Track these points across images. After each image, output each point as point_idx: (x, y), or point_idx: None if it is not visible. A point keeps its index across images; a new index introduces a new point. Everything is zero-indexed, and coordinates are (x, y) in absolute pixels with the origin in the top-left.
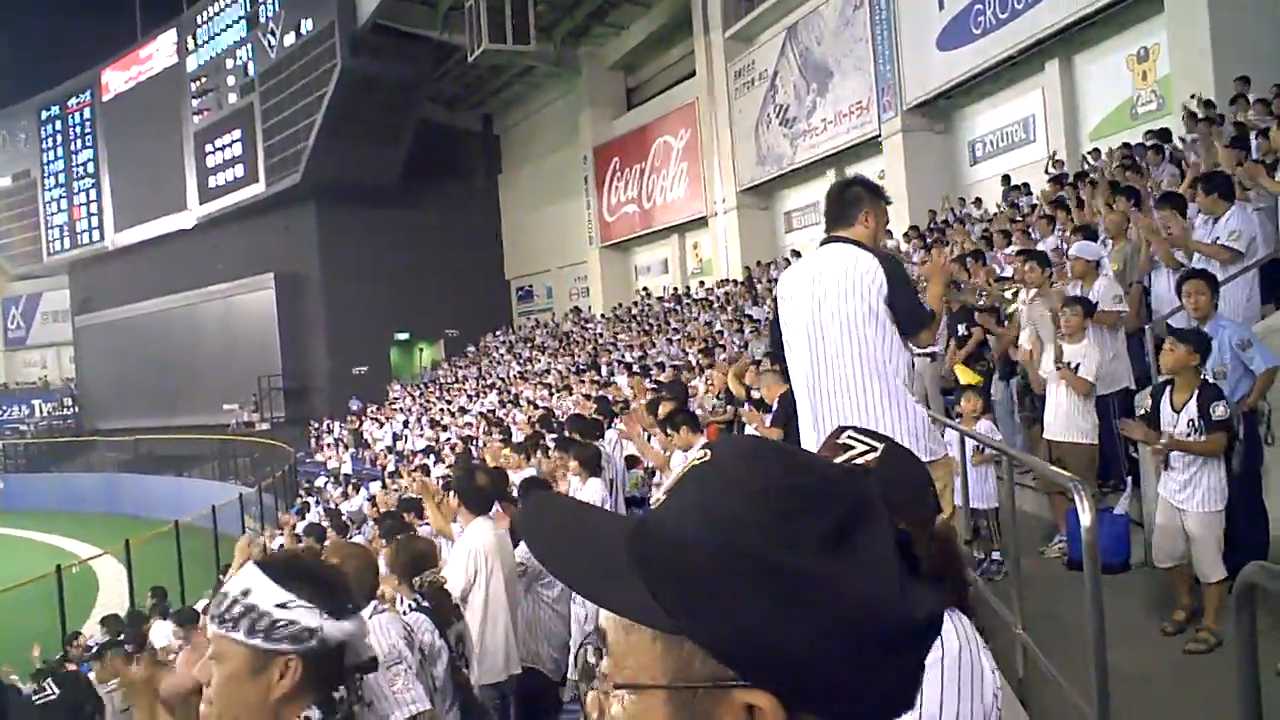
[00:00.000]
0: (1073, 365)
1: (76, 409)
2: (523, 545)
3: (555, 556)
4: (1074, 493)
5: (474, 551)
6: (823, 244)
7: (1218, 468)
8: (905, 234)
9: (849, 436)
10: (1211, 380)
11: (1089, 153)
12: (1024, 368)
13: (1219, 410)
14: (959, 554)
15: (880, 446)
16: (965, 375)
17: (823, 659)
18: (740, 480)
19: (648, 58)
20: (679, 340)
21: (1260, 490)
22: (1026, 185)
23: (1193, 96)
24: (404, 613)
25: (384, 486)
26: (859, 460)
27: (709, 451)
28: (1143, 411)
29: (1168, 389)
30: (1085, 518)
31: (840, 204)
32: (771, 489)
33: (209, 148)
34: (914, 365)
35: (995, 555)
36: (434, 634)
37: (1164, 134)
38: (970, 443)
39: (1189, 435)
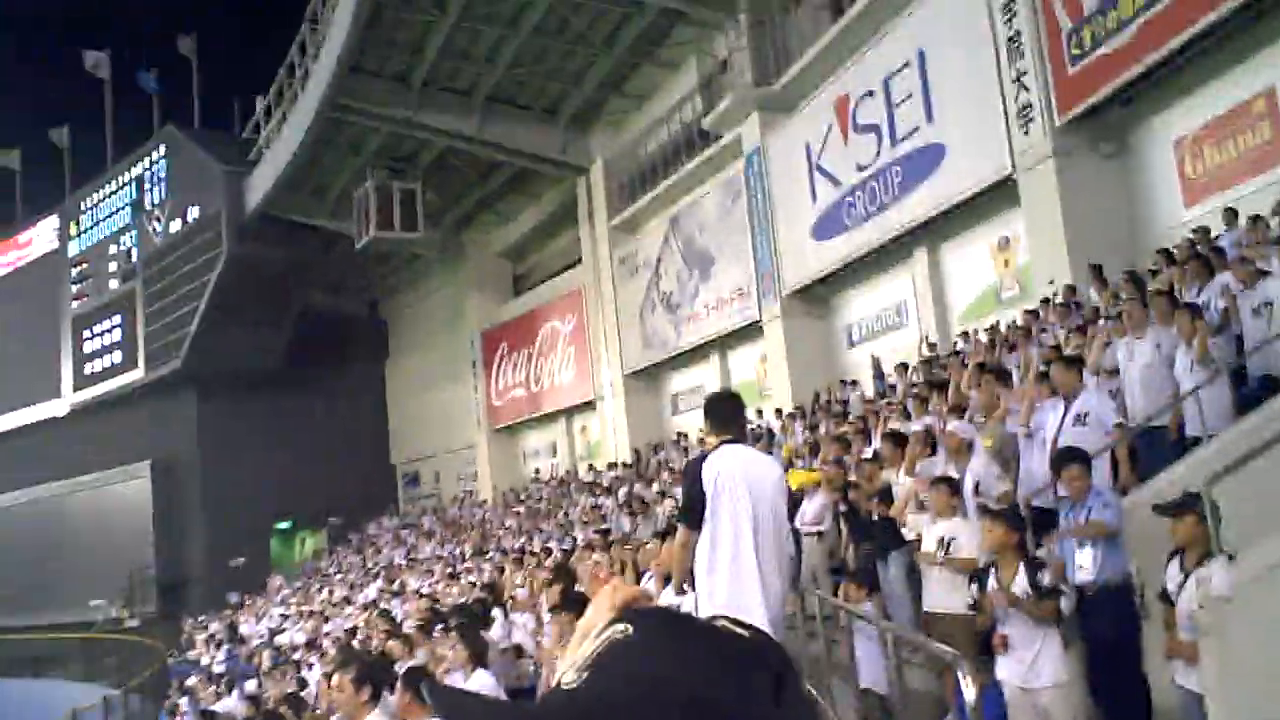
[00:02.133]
0: (945, 541)
1: None
2: None
3: None
4: (956, 667)
5: None
6: (728, 443)
7: (1057, 638)
8: (790, 414)
9: (723, 624)
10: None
11: (960, 335)
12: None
13: (1046, 578)
14: None
15: (749, 634)
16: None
17: None
18: (678, 645)
19: (534, 245)
20: (567, 524)
21: (1140, 661)
22: (905, 365)
23: (1050, 282)
24: None
25: (259, 684)
26: None
27: (628, 625)
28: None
29: (992, 570)
30: (969, 694)
31: (732, 411)
32: (713, 650)
33: (86, 333)
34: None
35: None
36: None
37: (1034, 315)
38: (858, 623)
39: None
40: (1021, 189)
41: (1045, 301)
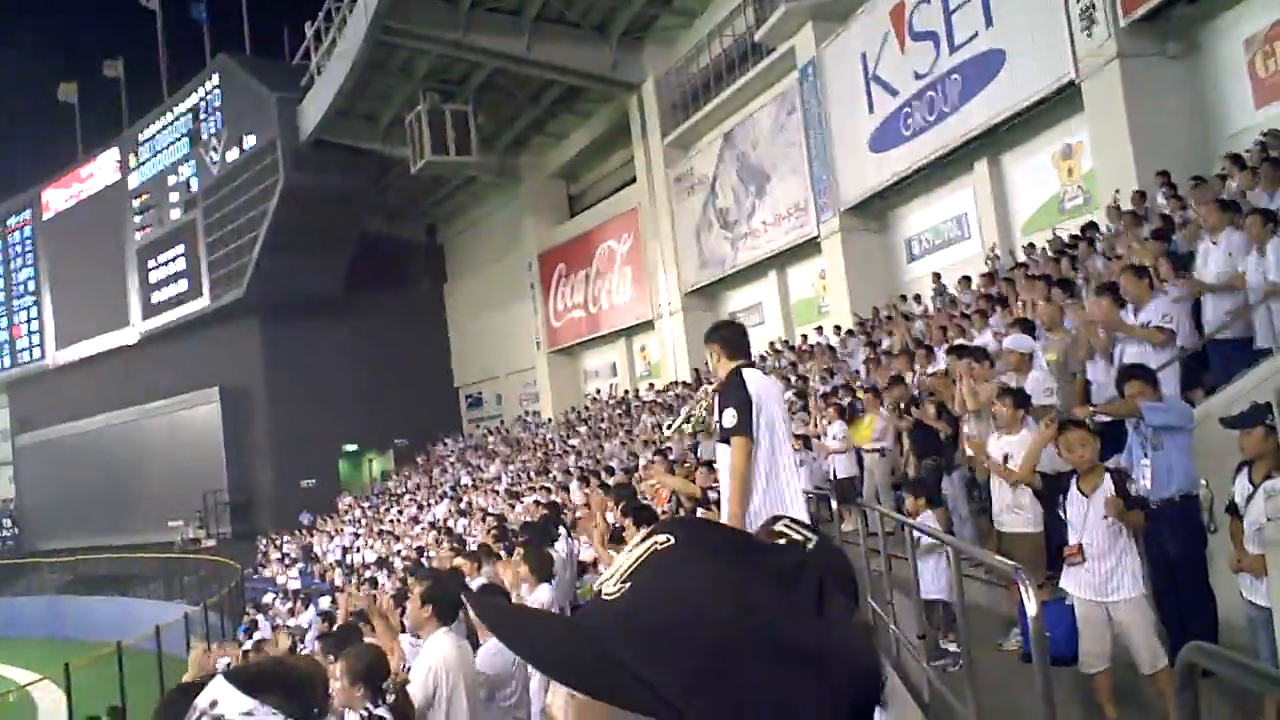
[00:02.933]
0: (1006, 456)
1: (16, 530)
2: (481, 656)
3: (536, 651)
4: (1019, 583)
5: (434, 668)
6: (745, 367)
7: (1134, 550)
8: (850, 330)
9: (784, 525)
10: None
11: (1025, 246)
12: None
13: (1134, 488)
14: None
15: (814, 537)
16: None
17: None
18: (719, 559)
19: (588, 165)
20: (629, 443)
21: (1206, 575)
22: (968, 279)
23: (1116, 191)
24: None
25: (333, 600)
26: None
27: (669, 535)
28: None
29: (1074, 476)
30: (1030, 607)
31: (743, 336)
32: (754, 567)
33: (151, 263)
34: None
35: (951, 647)
36: None
37: (1092, 226)
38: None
39: (1106, 519)
40: (1085, 94)
41: (1111, 209)
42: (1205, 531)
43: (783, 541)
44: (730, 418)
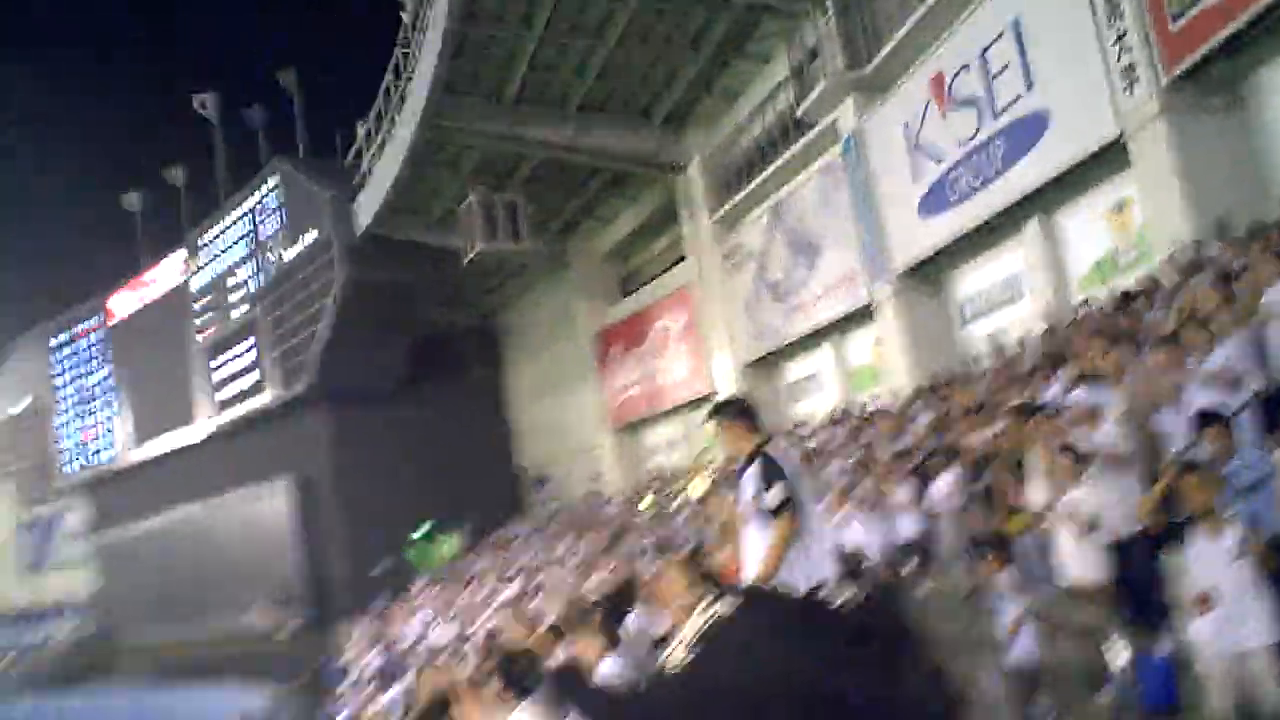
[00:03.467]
0: (1072, 511)
1: (98, 627)
2: None
3: None
4: (1103, 634)
5: None
6: (765, 442)
7: (1268, 594)
8: (913, 395)
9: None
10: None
11: (1080, 303)
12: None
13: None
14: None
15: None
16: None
17: None
18: (784, 626)
19: (637, 246)
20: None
21: None
22: (1022, 340)
23: (1171, 250)
24: None
25: (413, 682)
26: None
27: (733, 603)
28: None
29: (1193, 522)
30: (1120, 659)
31: (758, 415)
32: (821, 631)
33: (215, 362)
34: None
35: (1039, 710)
36: None
37: (1151, 280)
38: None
39: (1238, 559)
40: (1132, 151)
41: (1168, 260)
42: None
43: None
44: (776, 497)
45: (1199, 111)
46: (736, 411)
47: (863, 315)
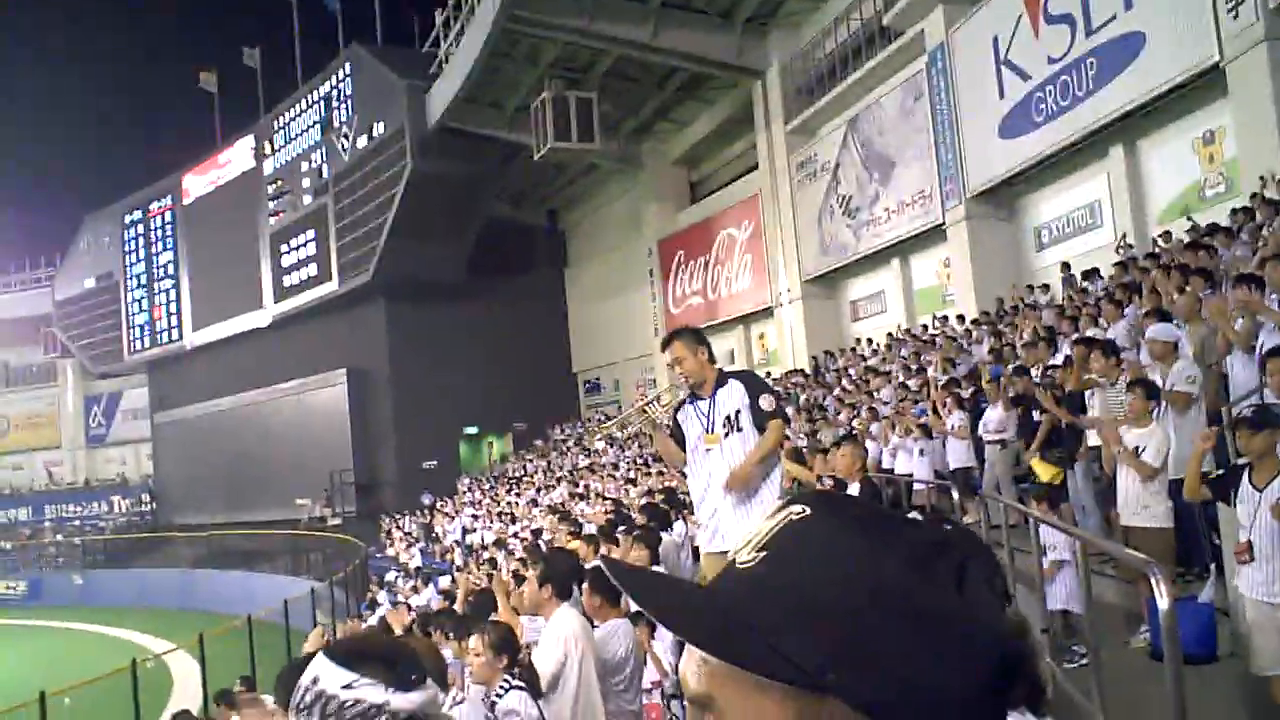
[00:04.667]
0: (1138, 449)
1: (154, 505)
2: (596, 638)
3: (672, 612)
4: (1150, 577)
5: (564, 637)
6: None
7: None
8: (975, 320)
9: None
10: None
11: (1160, 235)
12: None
13: None
14: (1033, 647)
15: (949, 528)
16: (1044, 472)
17: (968, 697)
18: (859, 531)
19: (710, 152)
20: None
21: None
22: (1096, 270)
23: (1261, 178)
24: (501, 692)
25: (452, 580)
26: None
27: (806, 507)
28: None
29: (1247, 470)
30: (1163, 603)
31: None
32: (894, 541)
33: (284, 248)
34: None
35: (1075, 648)
36: (537, 709)
37: (1236, 214)
38: (1051, 540)
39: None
40: (1230, 78)
41: (1254, 197)
42: None
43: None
44: (771, 402)
45: None
46: (701, 338)
47: (933, 236)
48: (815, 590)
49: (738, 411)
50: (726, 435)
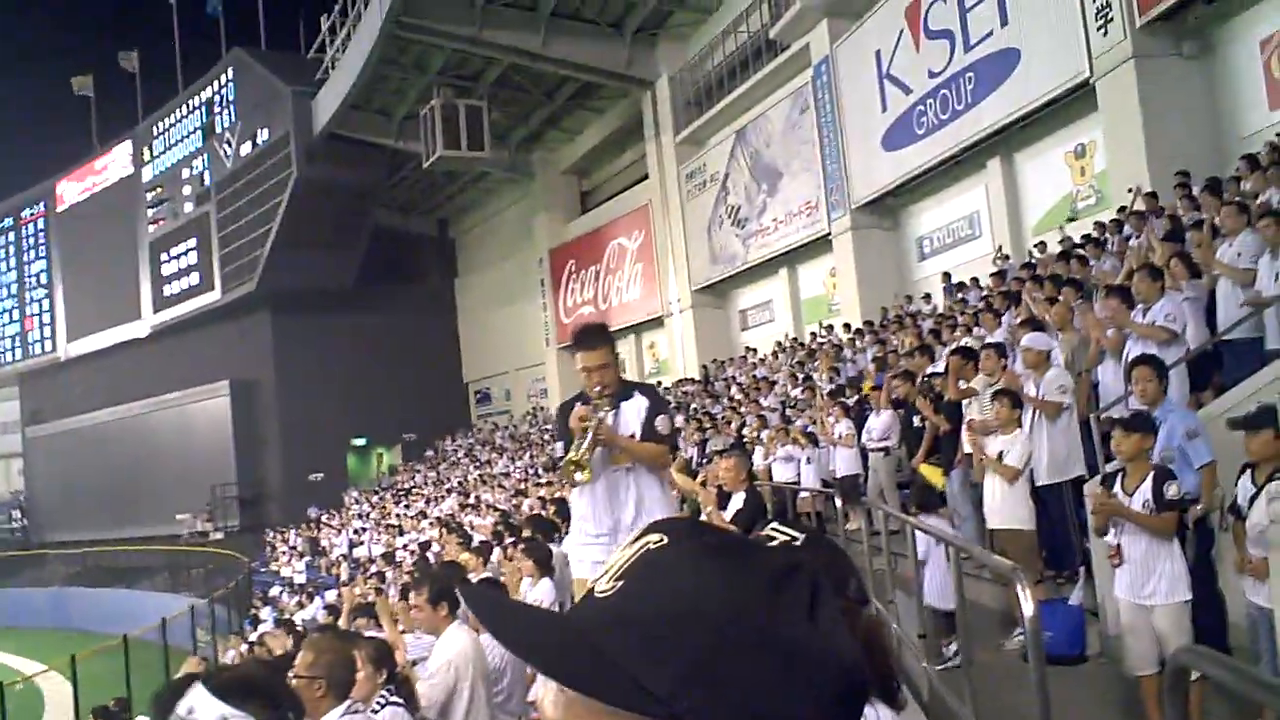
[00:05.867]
0: (1001, 454)
1: (25, 522)
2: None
3: (526, 643)
4: (1014, 580)
5: (453, 661)
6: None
7: (1177, 555)
8: (859, 330)
9: (772, 528)
10: (1160, 463)
11: (1034, 246)
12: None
13: (1171, 490)
14: (886, 645)
15: (801, 536)
16: (932, 476)
17: None
18: (713, 560)
19: (601, 162)
20: None
21: (1215, 578)
22: (976, 280)
23: (1129, 190)
24: (378, 707)
25: (338, 594)
26: None
27: (664, 536)
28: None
29: (1119, 476)
30: (1027, 606)
31: None
32: (747, 567)
33: (164, 256)
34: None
35: (952, 648)
36: None
37: (1116, 225)
38: (921, 540)
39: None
40: (1099, 94)
41: (1122, 210)
42: (1213, 533)
43: (774, 543)
44: (667, 425)
45: (1169, 56)
46: (613, 341)
47: (820, 246)
48: (667, 619)
49: (640, 428)
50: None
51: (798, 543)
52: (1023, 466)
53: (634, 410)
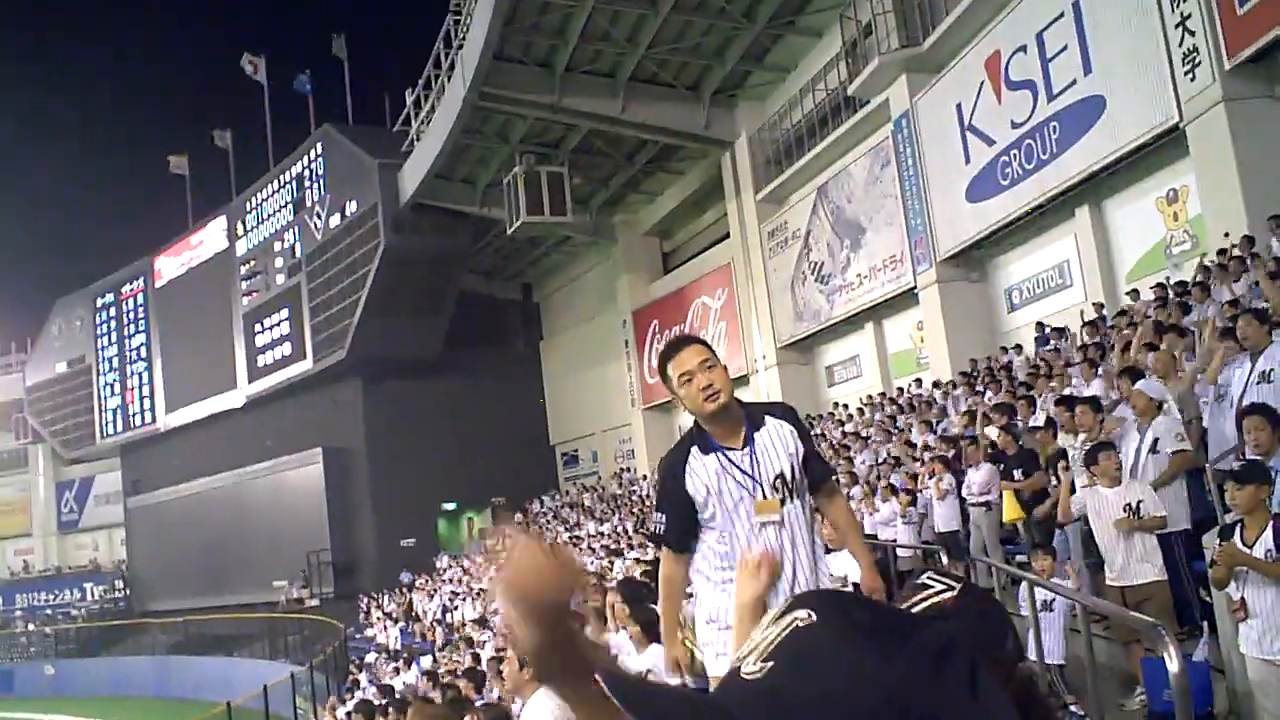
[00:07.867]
0: (1128, 506)
1: (127, 591)
2: None
3: None
4: (1158, 637)
5: None
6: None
7: None
8: (951, 382)
9: (928, 577)
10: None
11: (1127, 293)
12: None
13: None
14: (1043, 698)
15: (957, 585)
16: (1011, 510)
17: None
18: (869, 640)
19: (681, 222)
20: None
21: None
22: (1066, 329)
23: (1226, 235)
24: None
25: (434, 659)
26: (936, 599)
27: (811, 612)
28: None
29: (1238, 528)
30: (1173, 664)
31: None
32: (903, 648)
33: (258, 327)
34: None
35: (1073, 709)
36: None
37: (1206, 271)
38: (1039, 595)
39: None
40: (1190, 138)
41: (1221, 253)
42: None
43: (927, 594)
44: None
45: (1261, 98)
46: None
47: (905, 299)
48: (825, 704)
49: (792, 465)
50: (784, 503)
51: (954, 591)
52: (1163, 512)
53: (777, 440)
